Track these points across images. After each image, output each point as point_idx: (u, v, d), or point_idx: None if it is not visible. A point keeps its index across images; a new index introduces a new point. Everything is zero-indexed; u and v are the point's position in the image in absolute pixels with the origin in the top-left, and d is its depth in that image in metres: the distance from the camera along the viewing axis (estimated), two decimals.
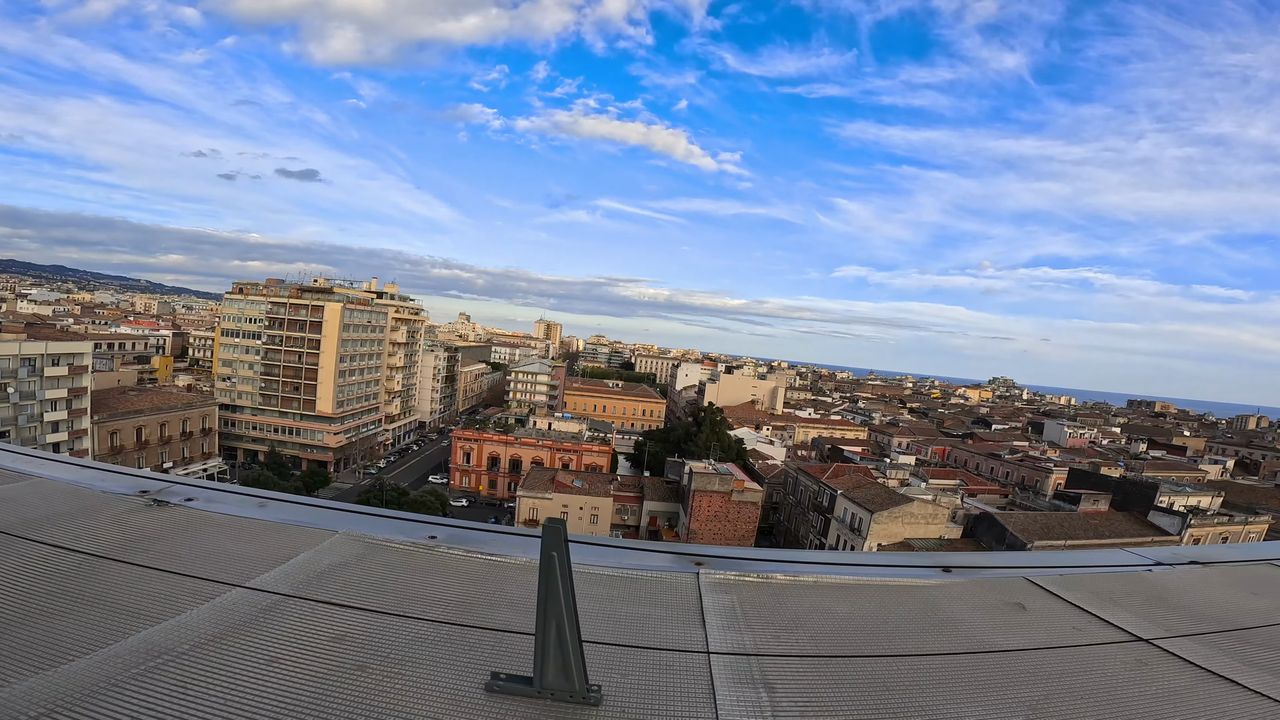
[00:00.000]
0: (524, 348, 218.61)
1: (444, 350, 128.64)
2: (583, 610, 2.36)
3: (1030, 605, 3.43)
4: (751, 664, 2.58)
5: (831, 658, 2.69)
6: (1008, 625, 3.18)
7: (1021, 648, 2.88)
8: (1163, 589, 3.80)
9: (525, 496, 69.90)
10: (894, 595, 3.53)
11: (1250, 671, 2.69)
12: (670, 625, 2.92)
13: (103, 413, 70.55)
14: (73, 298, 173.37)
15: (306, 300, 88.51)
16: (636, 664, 2.55)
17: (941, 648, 2.86)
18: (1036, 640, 2.97)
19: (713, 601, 3.20)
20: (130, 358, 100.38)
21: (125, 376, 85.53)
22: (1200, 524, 64.08)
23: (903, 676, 2.59)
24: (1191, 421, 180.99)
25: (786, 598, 3.35)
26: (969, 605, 3.42)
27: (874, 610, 3.31)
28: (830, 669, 2.61)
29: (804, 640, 2.84)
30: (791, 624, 3.01)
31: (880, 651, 2.78)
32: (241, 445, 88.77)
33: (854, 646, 2.83)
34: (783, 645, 2.76)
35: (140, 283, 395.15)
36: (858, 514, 61.67)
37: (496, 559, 3.44)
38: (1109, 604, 3.45)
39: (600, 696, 2.28)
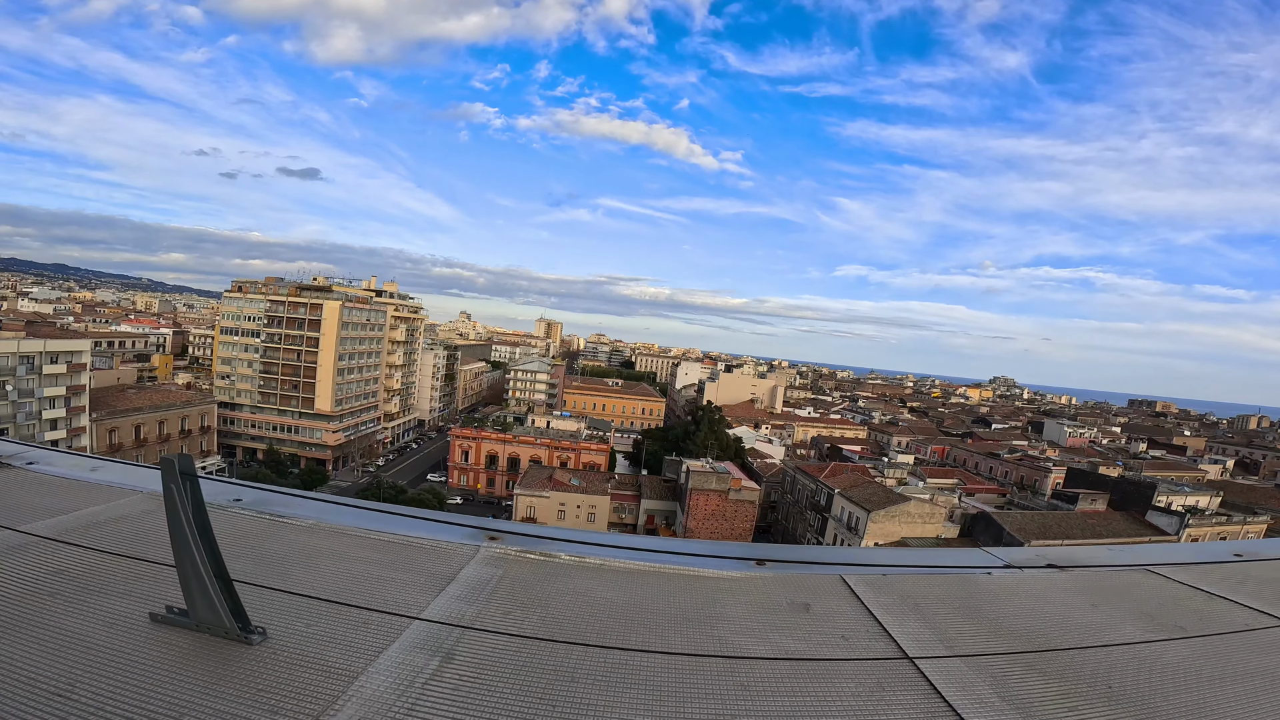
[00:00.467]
0: (524, 346, 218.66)
1: (443, 349, 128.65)
2: (331, 571, 2.58)
3: (819, 607, 3.21)
4: (452, 634, 2.54)
5: (535, 639, 2.58)
6: (770, 628, 2.98)
7: (764, 655, 2.69)
8: (983, 597, 3.51)
9: (522, 494, 69.94)
10: (676, 584, 3.39)
11: (994, 708, 2.37)
12: (405, 590, 2.91)
13: (101, 410, 70.65)
14: (74, 296, 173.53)
15: (305, 299, 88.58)
16: (335, 618, 2.58)
17: (672, 645, 2.71)
18: (787, 649, 2.77)
19: (473, 573, 3.17)
20: (130, 356, 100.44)
21: (125, 374, 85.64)
22: (1198, 524, 64.06)
23: (584, 667, 2.44)
24: (1192, 421, 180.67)
25: (554, 578, 3.25)
26: (752, 602, 3.24)
27: (638, 599, 3.17)
28: (524, 649, 2.52)
29: (529, 620, 2.76)
30: (533, 603, 2.92)
31: (594, 641, 2.65)
32: (240, 443, 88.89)
33: (573, 632, 2.70)
34: (500, 622, 2.70)
35: (142, 281, 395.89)
36: (855, 513, 61.67)
37: None
38: (906, 611, 3.19)
39: (261, 638, 2.32)
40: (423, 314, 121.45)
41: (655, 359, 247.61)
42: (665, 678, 2.43)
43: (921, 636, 2.95)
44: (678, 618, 3.00)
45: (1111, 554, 4.32)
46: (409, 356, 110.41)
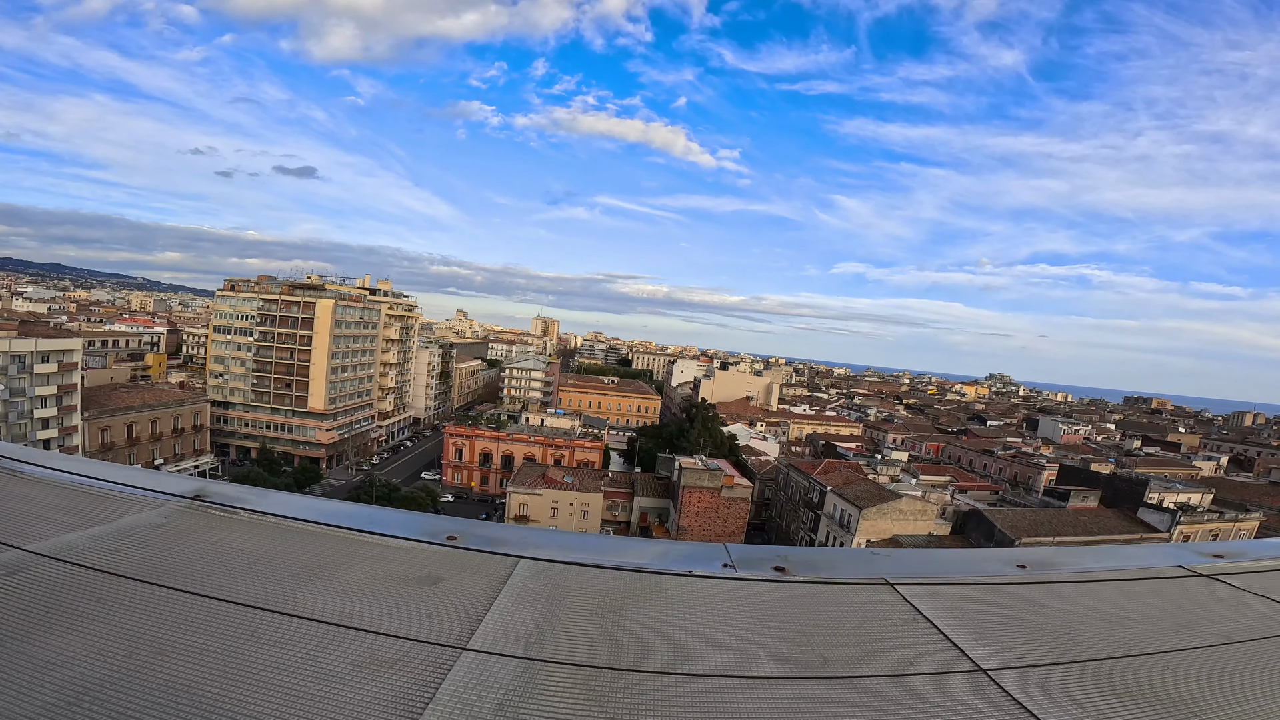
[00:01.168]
0: (521, 344, 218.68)
1: (438, 347, 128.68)
2: None
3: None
4: None
5: None
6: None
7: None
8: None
9: (515, 492, 69.91)
10: None
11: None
12: None
13: (93, 409, 70.50)
14: (69, 295, 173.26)
15: (298, 297, 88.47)
16: None
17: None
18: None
19: None
20: (124, 355, 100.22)
21: (118, 373, 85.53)
22: (1190, 521, 64.06)
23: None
24: (1188, 418, 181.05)
25: None
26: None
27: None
28: None
29: None
30: None
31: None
32: (234, 442, 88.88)
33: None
34: None
35: (137, 280, 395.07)
36: (847, 510, 61.74)
37: None
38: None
39: None
40: (417, 312, 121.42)
41: (652, 357, 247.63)
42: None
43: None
44: None
45: None
46: (403, 355, 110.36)
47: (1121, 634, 2.80)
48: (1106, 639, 2.74)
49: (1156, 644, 2.69)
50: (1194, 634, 2.81)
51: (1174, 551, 4.00)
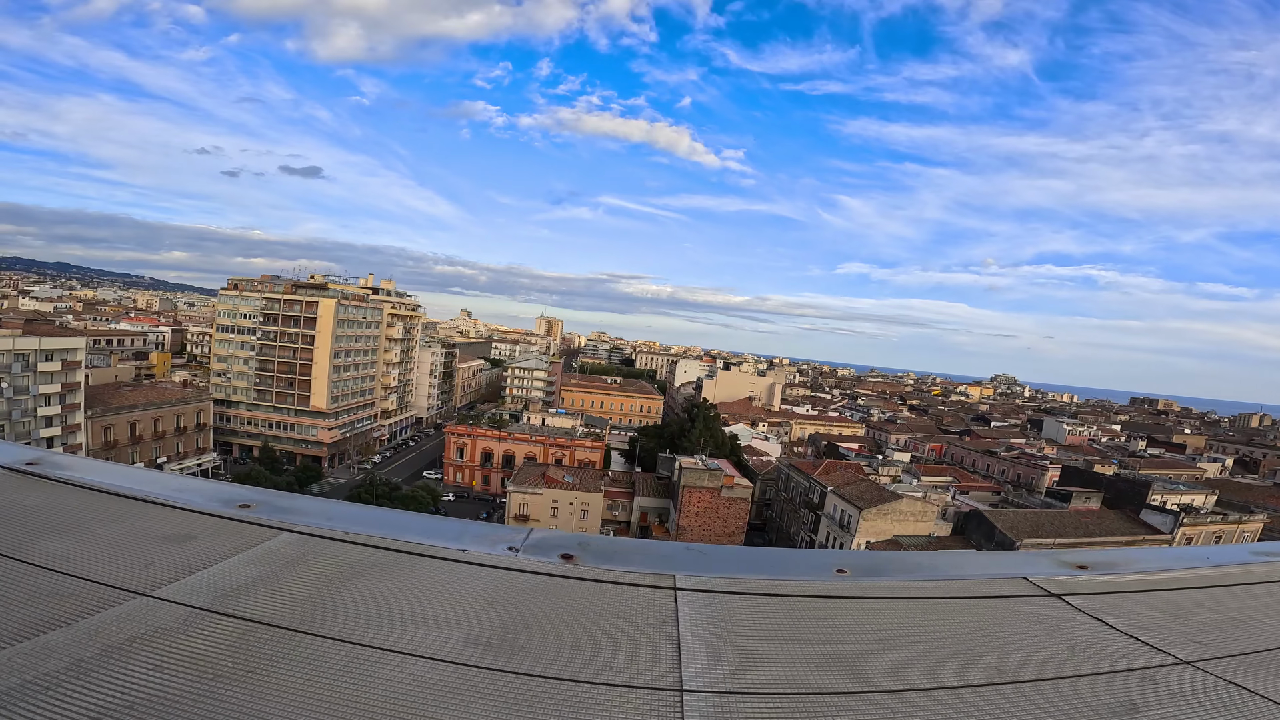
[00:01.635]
0: (524, 344, 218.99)
1: (441, 346, 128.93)
2: None
3: None
4: None
5: None
6: None
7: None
8: None
9: (515, 491, 69.99)
10: None
11: None
12: None
13: (96, 408, 70.91)
14: (75, 294, 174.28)
15: (300, 296, 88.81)
16: None
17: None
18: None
19: None
20: (129, 354, 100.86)
21: (122, 372, 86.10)
22: (1193, 522, 63.60)
23: None
24: (1194, 419, 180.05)
25: None
26: None
27: None
28: None
29: None
30: None
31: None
32: (237, 440, 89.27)
33: None
34: None
35: (144, 280, 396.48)
36: (847, 511, 61.60)
37: None
38: None
39: None
40: (419, 311, 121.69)
41: (655, 357, 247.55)
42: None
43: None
44: None
45: None
46: (406, 354, 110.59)
47: (878, 661, 2.48)
48: (853, 668, 2.42)
49: (899, 678, 2.39)
50: (960, 668, 2.49)
51: (1027, 562, 3.69)
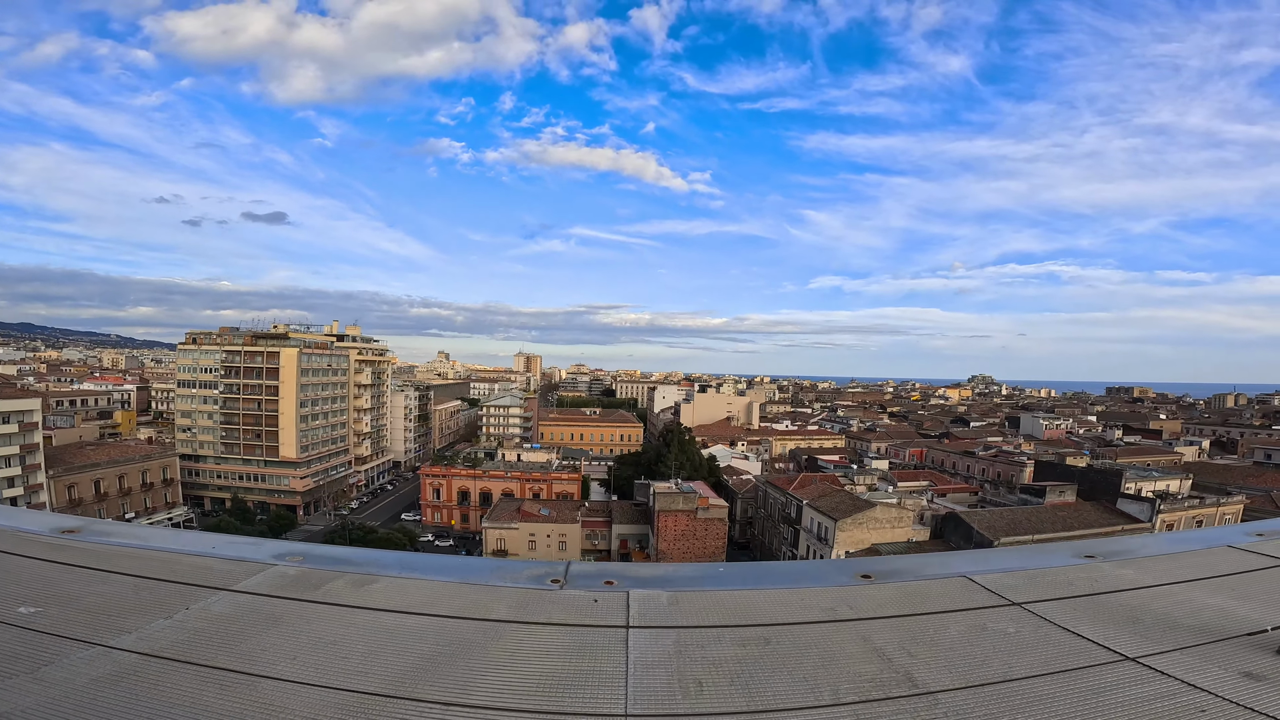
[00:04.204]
0: (503, 382, 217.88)
1: (414, 389, 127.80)
2: None
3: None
4: None
5: None
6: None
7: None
8: None
9: (491, 528, 69.02)
10: None
11: None
12: None
13: (58, 467, 70.56)
14: (40, 355, 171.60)
15: (261, 347, 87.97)
16: None
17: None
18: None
19: None
20: (93, 413, 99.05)
21: (86, 431, 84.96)
22: (1171, 509, 63.62)
23: None
24: (1169, 404, 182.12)
25: None
26: None
27: None
28: None
29: None
30: None
31: None
32: (207, 494, 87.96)
33: None
34: None
35: (110, 337, 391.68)
36: (823, 523, 61.29)
37: None
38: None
39: None
40: (389, 355, 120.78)
41: (636, 385, 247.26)
42: None
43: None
44: None
45: None
46: (377, 399, 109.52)
47: None
48: None
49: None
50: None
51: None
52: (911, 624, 2.96)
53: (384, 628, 2.84)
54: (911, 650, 2.68)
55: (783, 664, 2.57)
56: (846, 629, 2.88)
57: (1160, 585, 3.37)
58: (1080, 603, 3.19)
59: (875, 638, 2.79)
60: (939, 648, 2.72)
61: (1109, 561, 3.77)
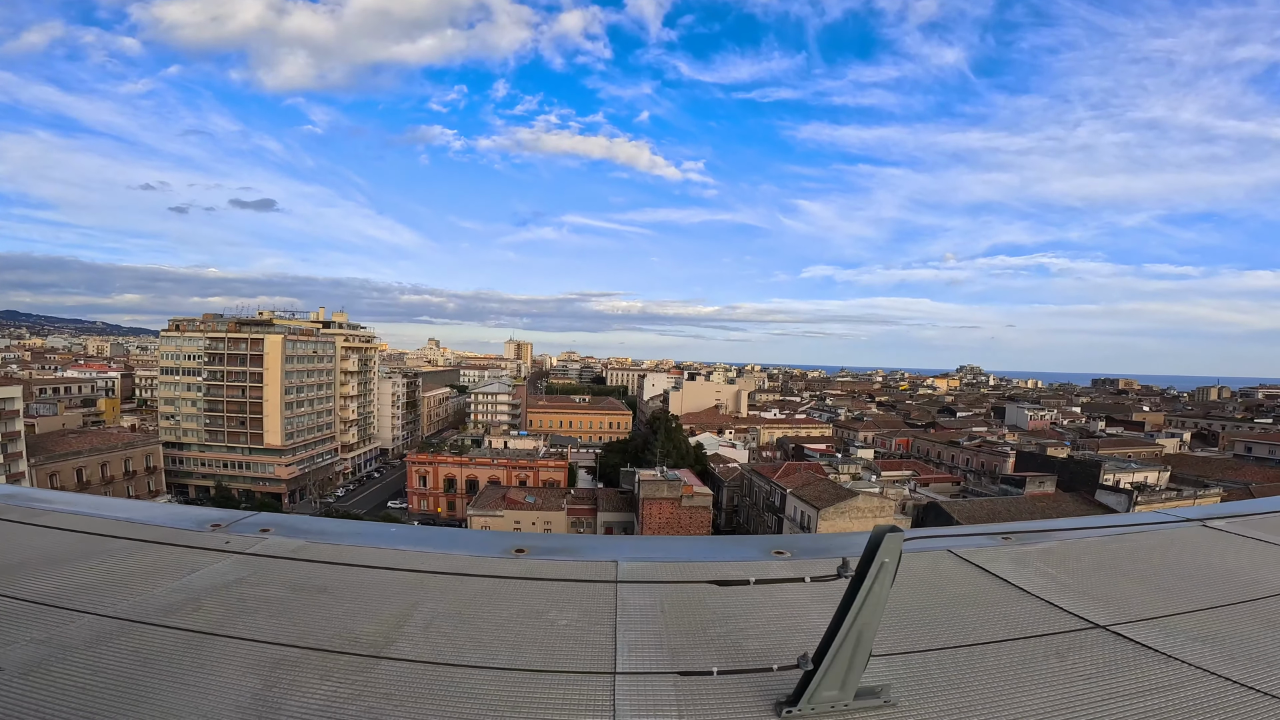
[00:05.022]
0: (494, 369, 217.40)
1: (402, 377, 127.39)
2: None
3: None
4: None
5: None
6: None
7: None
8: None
9: (476, 515, 69.21)
10: None
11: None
12: None
13: (40, 455, 70.05)
14: (23, 344, 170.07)
15: (245, 334, 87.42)
16: None
17: None
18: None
19: None
20: (76, 401, 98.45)
21: (69, 419, 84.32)
22: (1148, 500, 64.35)
23: None
24: (1153, 397, 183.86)
25: None
26: None
27: None
28: None
29: None
30: None
31: None
32: (192, 482, 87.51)
33: None
34: None
35: (96, 325, 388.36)
36: (806, 511, 61.77)
37: None
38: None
39: None
40: (376, 343, 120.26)
41: (627, 373, 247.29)
42: None
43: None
44: None
45: None
46: (364, 386, 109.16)
47: None
48: None
49: None
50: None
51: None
52: None
53: None
54: None
55: None
56: None
57: None
58: None
59: None
60: None
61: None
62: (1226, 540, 3.92)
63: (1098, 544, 3.79)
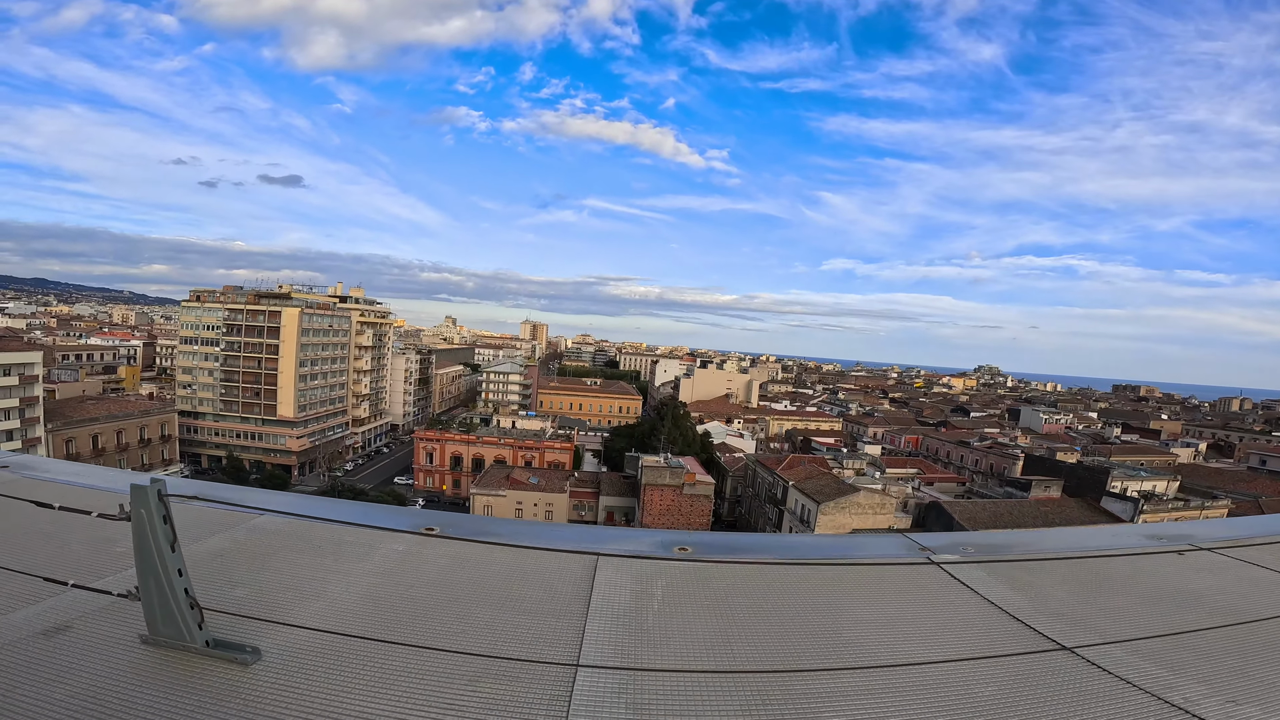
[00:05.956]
0: (509, 349, 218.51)
1: (415, 353, 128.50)
2: None
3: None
4: None
5: None
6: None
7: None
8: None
9: (479, 494, 69.95)
10: None
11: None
12: None
13: (57, 421, 70.92)
14: (51, 310, 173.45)
15: (263, 306, 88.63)
16: None
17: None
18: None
19: None
20: (98, 368, 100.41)
21: (90, 386, 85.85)
22: (1154, 509, 63.59)
23: None
24: (1174, 405, 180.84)
25: None
26: None
27: None
28: None
29: None
30: None
31: None
32: (205, 451, 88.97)
33: None
34: None
35: (124, 294, 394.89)
36: (807, 505, 61.73)
37: None
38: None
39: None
40: (391, 318, 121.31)
41: (640, 358, 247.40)
42: None
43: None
44: None
45: None
46: (377, 361, 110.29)
47: None
48: None
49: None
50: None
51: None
52: None
53: None
54: None
55: None
56: None
57: None
58: None
59: None
60: None
61: None
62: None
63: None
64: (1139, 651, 2.56)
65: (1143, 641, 2.64)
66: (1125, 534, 4.63)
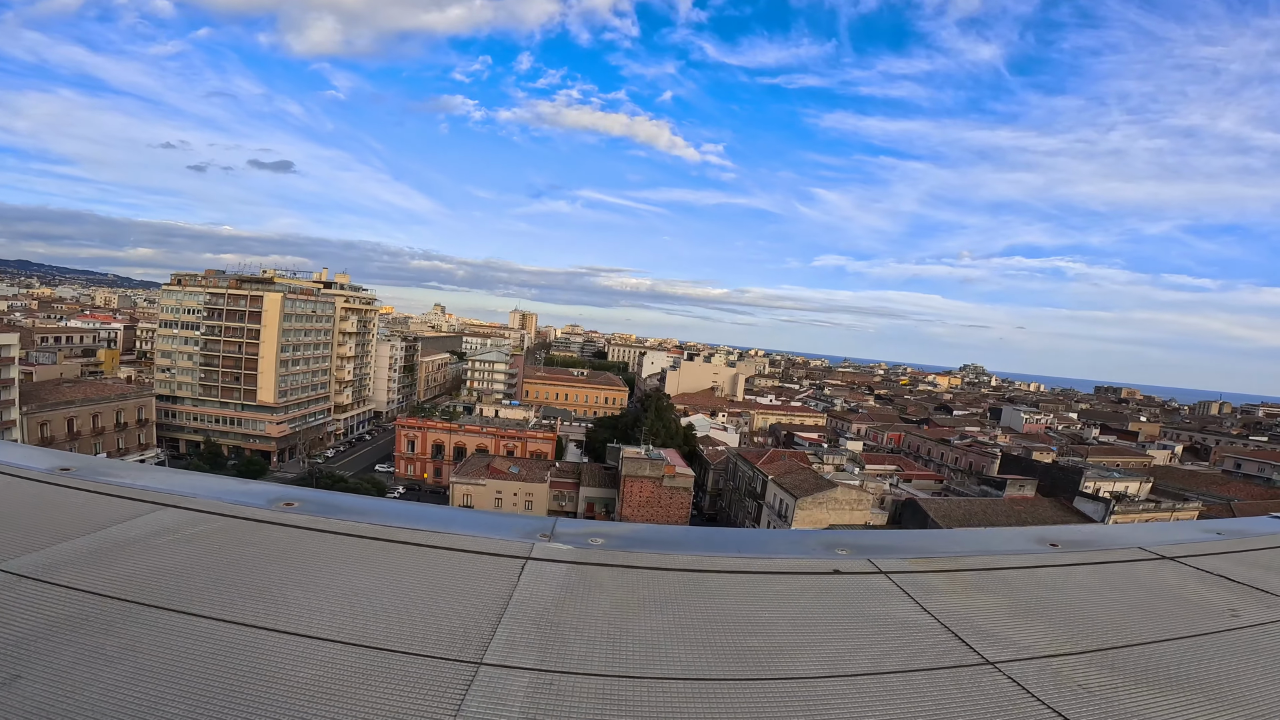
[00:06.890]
0: (496, 338, 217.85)
1: (401, 340, 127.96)
2: None
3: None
4: None
5: None
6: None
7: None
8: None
9: (459, 483, 69.93)
10: None
11: None
12: None
13: (32, 404, 70.13)
14: (33, 293, 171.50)
15: (245, 290, 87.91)
16: None
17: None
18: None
19: None
20: (77, 351, 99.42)
21: (68, 369, 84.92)
22: (1125, 510, 64.38)
23: None
24: (1154, 407, 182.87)
25: None
26: None
27: None
28: None
29: None
30: None
31: None
32: (183, 436, 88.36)
33: None
34: None
35: (108, 277, 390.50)
36: (785, 500, 62.06)
37: None
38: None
39: None
40: (377, 305, 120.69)
41: (629, 349, 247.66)
42: None
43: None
44: None
45: None
46: (362, 348, 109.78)
47: None
48: None
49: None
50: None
51: None
52: None
53: None
54: None
55: None
56: None
57: None
58: None
59: None
60: None
61: None
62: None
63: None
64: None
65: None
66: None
